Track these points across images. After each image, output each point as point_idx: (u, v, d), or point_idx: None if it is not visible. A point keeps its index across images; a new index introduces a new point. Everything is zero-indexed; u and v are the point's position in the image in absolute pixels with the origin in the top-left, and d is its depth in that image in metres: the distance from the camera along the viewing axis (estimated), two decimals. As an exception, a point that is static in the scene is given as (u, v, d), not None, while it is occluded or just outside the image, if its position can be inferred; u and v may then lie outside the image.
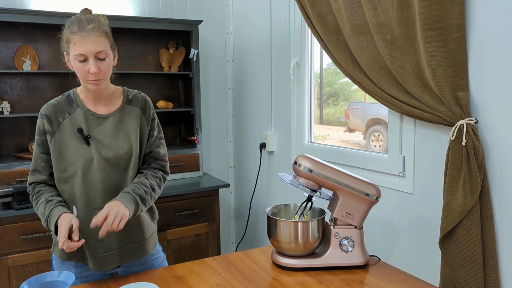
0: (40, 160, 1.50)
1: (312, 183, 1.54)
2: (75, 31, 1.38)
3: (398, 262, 1.92)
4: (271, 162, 2.89)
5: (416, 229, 1.82)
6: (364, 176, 2.06)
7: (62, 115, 1.48)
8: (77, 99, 1.51)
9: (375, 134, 4.92)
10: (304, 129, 2.56)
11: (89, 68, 1.39)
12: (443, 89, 1.54)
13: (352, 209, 1.53)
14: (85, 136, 1.48)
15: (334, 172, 1.52)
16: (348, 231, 1.54)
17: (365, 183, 1.53)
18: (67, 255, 1.51)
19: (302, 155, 1.56)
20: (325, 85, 3.82)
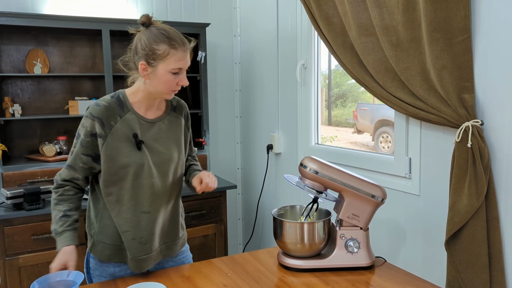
0: (79, 160, 1.46)
1: (318, 184, 1.55)
2: (177, 46, 1.40)
3: (404, 263, 1.92)
4: (278, 164, 2.90)
5: (422, 230, 1.82)
6: (371, 177, 2.07)
7: (114, 119, 1.45)
8: (127, 103, 1.48)
9: (383, 135, 4.90)
10: (311, 130, 2.57)
11: (179, 81, 1.44)
12: (449, 91, 1.54)
13: (358, 211, 1.54)
14: (139, 142, 1.48)
15: (340, 173, 1.53)
16: (354, 233, 1.55)
17: (371, 185, 1.53)
18: (108, 256, 1.52)
19: (308, 157, 1.57)
20: (333, 86, 3.80)
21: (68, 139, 2.81)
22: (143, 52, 1.40)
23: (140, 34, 1.43)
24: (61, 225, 1.45)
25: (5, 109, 2.52)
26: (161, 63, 1.40)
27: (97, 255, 1.52)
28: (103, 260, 1.52)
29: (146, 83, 1.44)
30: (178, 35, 1.42)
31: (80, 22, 2.50)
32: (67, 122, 2.82)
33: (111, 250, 1.51)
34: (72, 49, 2.81)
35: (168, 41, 1.39)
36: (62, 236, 1.44)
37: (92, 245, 1.54)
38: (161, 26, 1.44)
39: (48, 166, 2.48)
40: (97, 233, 1.52)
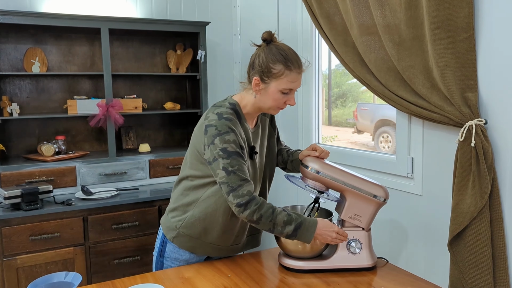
0: (246, 171, 1.43)
1: (320, 184, 1.53)
2: (292, 68, 1.43)
3: (406, 264, 1.91)
4: (279, 164, 2.88)
5: (425, 231, 1.81)
6: (372, 177, 2.05)
7: (239, 131, 1.46)
8: (242, 115, 1.51)
9: (383, 135, 4.90)
10: (312, 130, 2.55)
11: (287, 100, 1.48)
12: (452, 89, 1.52)
13: (359, 211, 1.52)
14: (254, 152, 1.53)
15: (342, 173, 1.52)
16: (356, 233, 1.53)
17: (373, 185, 1.52)
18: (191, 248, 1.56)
19: (309, 156, 1.56)
20: (333, 86, 3.81)
21: (66, 139, 2.79)
22: (259, 68, 1.45)
23: (260, 50, 1.47)
24: (295, 215, 1.43)
25: (3, 109, 2.51)
26: (274, 82, 1.44)
27: (179, 244, 1.57)
28: (185, 249, 1.56)
29: (256, 97, 1.49)
30: (295, 57, 1.46)
31: (79, 21, 2.49)
32: (66, 121, 2.80)
33: (195, 243, 1.56)
34: (71, 48, 2.79)
35: (284, 62, 1.43)
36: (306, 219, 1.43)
37: (176, 235, 1.56)
38: (281, 45, 1.47)
39: (46, 166, 2.46)
40: (184, 226, 1.54)
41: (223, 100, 1.54)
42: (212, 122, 1.43)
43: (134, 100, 2.75)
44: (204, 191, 1.51)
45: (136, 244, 2.43)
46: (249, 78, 1.50)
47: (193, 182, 1.53)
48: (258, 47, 1.49)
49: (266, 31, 1.49)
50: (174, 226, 1.56)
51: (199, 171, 1.51)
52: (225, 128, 1.41)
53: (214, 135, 1.41)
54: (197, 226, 1.53)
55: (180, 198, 1.57)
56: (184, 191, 1.56)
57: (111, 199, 2.40)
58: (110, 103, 2.57)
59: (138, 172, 2.70)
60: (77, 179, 2.54)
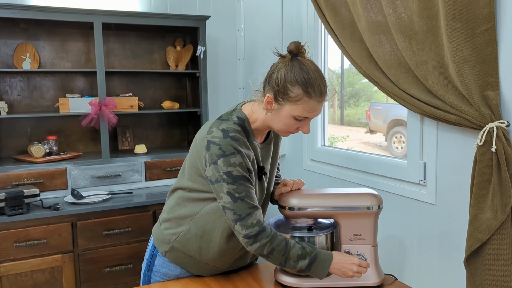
0: (255, 196, 1.30)
1: (305, 219, 1.41)
2: (313, 96, 1.24)
3: (417, 282, 1.76)
4: (283, 166, 2.75)
5: (438, 245, 1.66)
6: (382, 184, 1.91)
7: (249, 151, 1.31)
8: (250, 131, 1.35)
9: (397, 135, 4.74)
10: (317, 131, 2.41)
11: (300, 127, 1.31)
12: (470, 87, 1.38)
13: (358, 229, 1.38)
14: (263, 173, 1.40)
15: (323, 198, 1.38)
16: (361, 248, 1.39)
17: (361, 196, 1.38)
18: (184, 264, 1.43)
19: (282, 195, 1.43)
20: (346, 86, 3.77)
21: (59, 139, 2.69)
22: (275, 86, 1.26)
23: (281, 64, 1.27)
24: (309, 248, 1.30)
25: (-8, 107, 2.41)
26: (288, 105, 1.26)
27: (171, 258, 1.43)
28: (176, 264, 1.44)
29: (267, 115, 1.31)
30: (319, 82, 1.25)
31: (71, 14, 2.38)
32: (59, 121, 2.70)
33: (189, 260, 1.43)
34: (64, 44, 2.69)
35: (305, 86, 1.23)
36: (321, 252, 1.30)
37: (170, 250, 1.42)
38: (308, 63, 1.26)
39: (35, 168, 2.36)
40: (178, 241, 1.40)
41: (230, 112, 1.36)
42: (216, 140, 1.26)
43: (129, 98, 2.64)
44: (202, 206, 1.37)
45: (129, 252, 2.31)
46: (264, 92, 1.32)
47: (191, 194, 1.39)
48: (281, 59, 1.30)
49: (294, 42, 1.28)
50: (167, 239, 1.43)
51: (198, 184, 1.36)
52: (230, 149, 1.25)
53: (217, 155, 1.25)
54: (192, 243, 1.39)
55: (176, 208, 1.43)
56: (181, 201, 1.42)
57: (103, 203, 2.28)
58: (103, 101, 2.46)
59: (133, 175, 2.59)
60: (67, 182, 2.43)
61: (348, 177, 2.12)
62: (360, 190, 1.41)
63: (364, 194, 1.38)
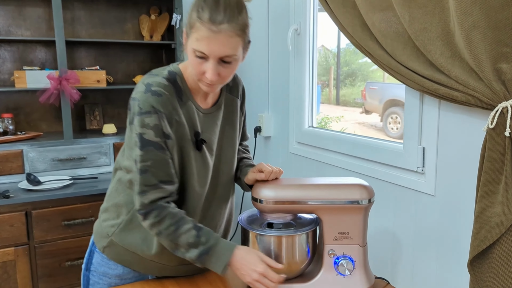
0: (167, 167, 1.11)
1: (283, 215, 1.21)
2: (205, 20, 1.02)
3: (411, 286, 1.59)
4: (268, 149, 2.56)
5: (437, 243, 1.48)
6: (374, 171, 1.72)
7: (177, 112, 1.13)
8: (186, 89, 1.16)
9: (392, 116, 4.77)
10: (305, 111, 2.21)
11: (206, 71, 1.07)
12: (481, 59, 1.17)
13: (344, 227, 1.19)
14: (201, 141, 1.18)
15: (305, 190, 1.18)
16: (347, 248, 1.21)
17: (348, 188, 1.18)
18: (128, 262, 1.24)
19: (258, 184, 1.23)
20: (342, 65, 3.72)
21: (17, 117, 2.46)
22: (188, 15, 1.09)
23: None
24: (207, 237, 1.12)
25: None
26: (190, 37, 1.07)
27: (111, 255, 1.24)
28: (117, 262, 1.24)
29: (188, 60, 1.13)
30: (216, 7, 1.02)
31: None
32: (18, 96, 2.47)
33: (132, 257, 1.23)
34: (22, 9, 2.44)
35: (197, 8, 1.03)
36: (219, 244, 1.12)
37: (108, 245, 1.23)
38: None
39: (-13, 149, 2.14)
40: (118, 233, 1.22)
41: (164, 67, 1.18)
42: (137, 96, 1.09)
43: (95, 72, 2.41)
44: None
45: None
46: None
47: (127, 176, 1.20)
48: None
49: None
50: (105, 232, 1.24)
51: (131, 161, 1.17)
52: (147, 106, 1.07)
53: (135, 113, 1.08)
54: (134, 235, 1.21)
55: (114, 195, 1.24)
56: (119, 185, 1.23)
57: (62, 190, 2.08)
58: (63, 75, 2.23)
59: (100, 158, 2.38)
60: (24, 166, 2.22)
61: (338, 162, 1.93)
62: (348, 180, 1.22)
63: (352, 186, 1.19)
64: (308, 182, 1.22)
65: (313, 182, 1.21)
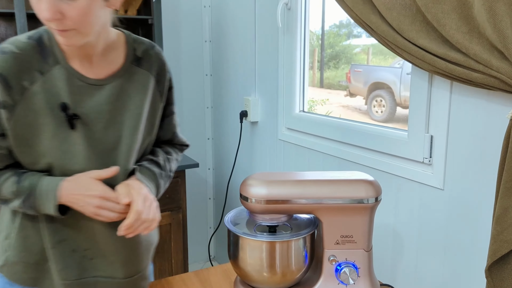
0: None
1: (277, 216, 1.05)
2: None
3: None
4: (255, 135, 2.39)
5: (446, 243, 1.34)
6: (374, 161, 1.57)
7: (30, 76, 0.94)
8: (55, 49, 0.97)
9: (377, 99, 4.64)
10: (295, 94, 2.04)
11: (41, 10, 0.86)
12: (506, 34, 1.02)
13: (347, 229, 1.04)
14: (71, 116, 0.96)
15: (302, 186, 1.02)
16: (350, 254, 1.06)
17: (352, 184, 1.03)
18: (31, 280, 1.05)
19: (247, 180, 1.05)
20: (326, 47, 3.60)
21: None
22: None
23: None
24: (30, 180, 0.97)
25: None
26: None
27: (10, 276, 1.05)
28: (19, 283, 1.06)
29: None
30: None
31: None
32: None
33: (35, 272, 1.05)
34: (-21, -21, 2.20)
35: None
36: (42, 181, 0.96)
37: (4, 263, 1.05)
38: None
39: None
40: (13, 247, 1.04)
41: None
42: None
43: (64, 50, 2.20)
44: None
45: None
46: None
47: None
48: None
49: None
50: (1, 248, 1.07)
51: None
52: None
53: None
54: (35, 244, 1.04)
55: None
56: None
57: None
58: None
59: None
60: None
61: (333, 150, 1.78)
62: (351, 175, 1.06)
63: (356, 182, 1.03)
64: (305, 177, 1.06)
65: (311, 178, 1.05)
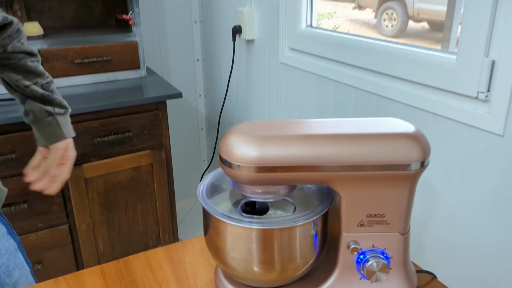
0: None
1: (274, 188, 0.71)
2: None
3: (470, 279, 1.16)
4: (250, 57, 2.01)
5: (503, 209, 1.02)
6: (406, 94, 1.21)
7: None
8: None
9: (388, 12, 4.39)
10: (301, 6, 1.63)
11: None
12: None
13: (378, 205, 0.71)
14: None
15: (312, 143, 0.67)
16: (380, 238, 0.74)
17: (389, 140, 0.67)
18: None
19: (230, 133, 0.69)
20: None
21: None
22: None
23: None
24: None
25: None
26: None
27: None
28: None
29: None
30: None
31: None
32: None
33: None
34: None
35: None
36: None
37: None
38: None
39: None
40: None
41: None
42: None
43: None
44: None
45: (18, 187, 1.66)
46: None
47: None
48: None
49: None
50: None
51: None
52: None
53: None
54: None
55: None
56: None
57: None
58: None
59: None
60: None
61: (347, 78, 1.41)
62: (384, 125, 0.71)
63: (395, 137, 0.68)
64: (315, 128, 0.71)
65: (324, 130, 0.70)
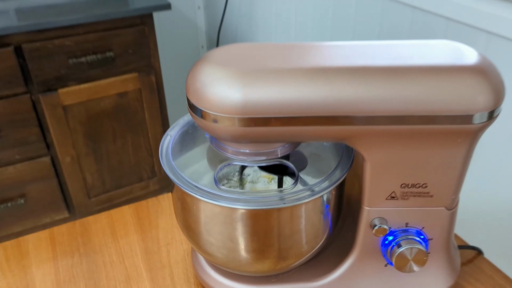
0: None
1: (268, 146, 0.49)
2: None
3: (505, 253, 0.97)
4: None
5: None
6: (446, 3, 0.95)
7: None
8: None
9: None
10: None
11: None
12: None
13: (419, 174, 0.48)
14: None
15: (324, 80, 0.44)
16: (420, 215, 0.54)
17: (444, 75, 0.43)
18: None
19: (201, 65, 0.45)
20: None
21: None
22: None
23: None
24: None
25: None
26: None
27: None
28: None
29: None
30: None
31: None
32: None
33: None
34: None
35: None
36: None
37: None
38: None
39: None
40: None
41: None
42: None
43: None
44: None
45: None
46: None
47: None
48: None
49: None
50: None
51: None
52: None
53: None
54: None
55: None
56: None
57: None
58: None
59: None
60: None
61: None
62: (434, 53, 0.47)
63: (451, 72, 0.44)
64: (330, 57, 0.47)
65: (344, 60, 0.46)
